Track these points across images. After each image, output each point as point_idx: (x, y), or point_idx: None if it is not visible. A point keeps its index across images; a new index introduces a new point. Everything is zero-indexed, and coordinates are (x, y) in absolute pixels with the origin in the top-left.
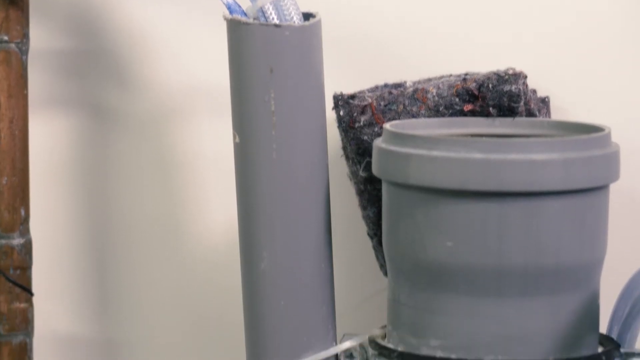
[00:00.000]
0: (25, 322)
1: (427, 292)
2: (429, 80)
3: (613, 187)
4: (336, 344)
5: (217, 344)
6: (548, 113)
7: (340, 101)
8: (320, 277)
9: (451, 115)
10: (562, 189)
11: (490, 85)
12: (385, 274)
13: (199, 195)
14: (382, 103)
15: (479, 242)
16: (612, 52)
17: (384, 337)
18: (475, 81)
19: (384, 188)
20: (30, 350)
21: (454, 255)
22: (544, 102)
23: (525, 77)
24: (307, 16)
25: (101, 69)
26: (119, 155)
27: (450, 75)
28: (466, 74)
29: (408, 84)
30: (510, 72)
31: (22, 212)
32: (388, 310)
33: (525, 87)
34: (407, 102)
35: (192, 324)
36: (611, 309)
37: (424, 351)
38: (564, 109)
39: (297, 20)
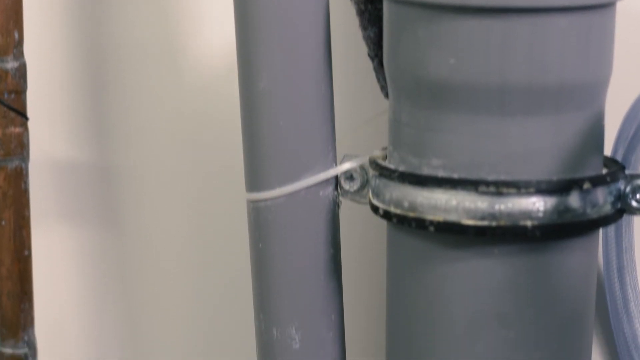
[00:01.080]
0: (20, 147)
1: (429, 111)
2: None
3: (619, 9)
4: (336, 165)
5: (216, 165)
6: None
7: None
8: (320, 98)
9: None
10: (567, 5)
11: None
12: (386, 95)
13: (196, 16)
14: None
15: (482, 60)
16: None
17: (384, 158)
18: None
19: (385, 6)
20: (26, 175)
21: (456, 72)
22: None
23: None
24: None
25: None
26: None
27: None
28: None
29: None
30: None
31: (16, 35)
32: (389, 131)
33: None
34: None
35: (190, 147)
36: (616, 131)
37: (425, 171)
38: None
39: None
